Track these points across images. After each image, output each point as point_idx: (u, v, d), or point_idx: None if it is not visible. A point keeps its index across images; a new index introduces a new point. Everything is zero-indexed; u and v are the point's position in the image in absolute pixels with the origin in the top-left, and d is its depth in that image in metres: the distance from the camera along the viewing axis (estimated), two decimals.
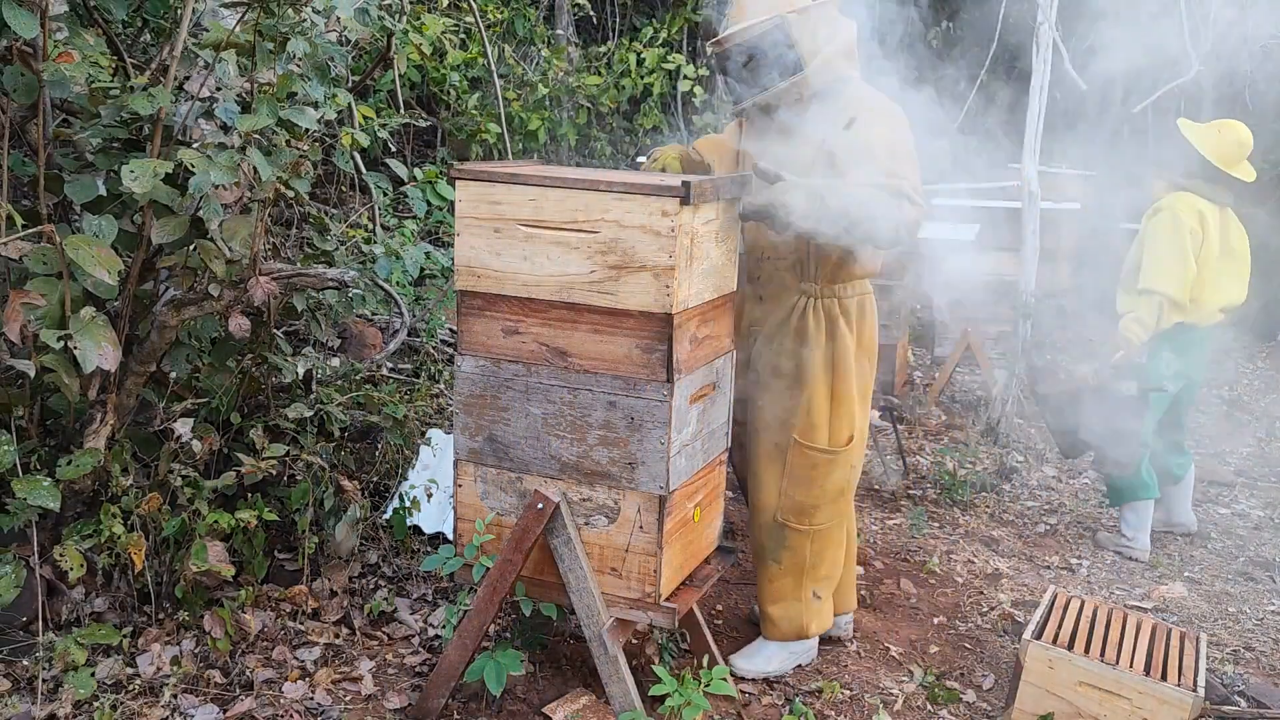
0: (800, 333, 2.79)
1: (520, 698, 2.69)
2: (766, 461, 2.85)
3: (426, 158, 6.74)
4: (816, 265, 2.76)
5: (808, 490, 2.83)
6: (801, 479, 2.83)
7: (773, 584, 2.93)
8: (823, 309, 2.79)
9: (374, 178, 4.51)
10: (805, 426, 2.80)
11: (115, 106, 2.55)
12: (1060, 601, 3.02)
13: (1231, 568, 4.12)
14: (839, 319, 2.80)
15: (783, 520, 2.86)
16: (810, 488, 2.83)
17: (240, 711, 2.56)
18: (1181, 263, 3.94)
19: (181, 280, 2.75)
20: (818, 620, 2.95)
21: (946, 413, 5.95)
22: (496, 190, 2.34)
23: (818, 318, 2.79)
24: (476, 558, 2.50)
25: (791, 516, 2.86)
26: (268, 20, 2.63)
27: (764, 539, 2.90)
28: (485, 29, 5.82)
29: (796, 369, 2.79)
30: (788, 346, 2.80)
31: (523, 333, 2.39)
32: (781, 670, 2.96)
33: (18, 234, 2.35)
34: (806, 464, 2.82)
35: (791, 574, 2.90)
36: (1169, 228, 3.96)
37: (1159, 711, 2.63)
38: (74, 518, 2.79)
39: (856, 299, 2.84)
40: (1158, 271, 3.94)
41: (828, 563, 2.92)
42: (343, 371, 3.66)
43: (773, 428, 2.82)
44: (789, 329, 2.80)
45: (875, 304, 2.93)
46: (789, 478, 2.84)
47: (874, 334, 2.91)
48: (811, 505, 2.85)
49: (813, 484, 2.83)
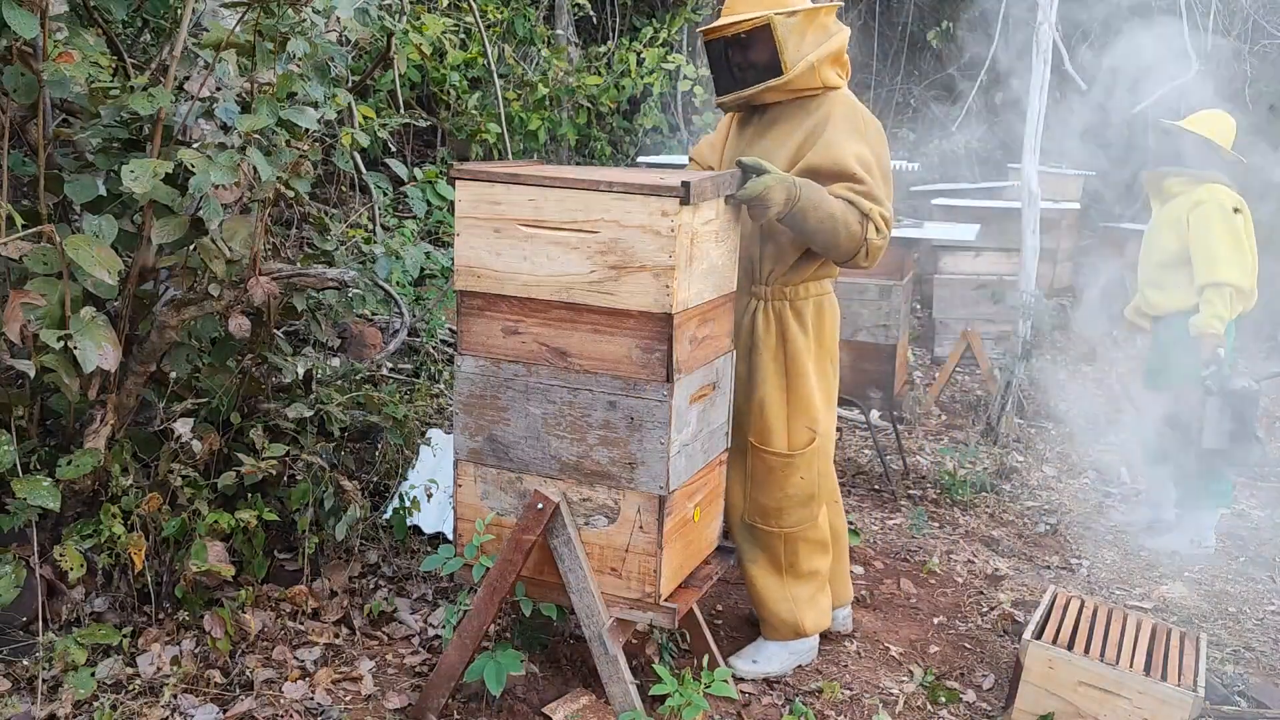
0: (751, 335, 2.80)
1: (520, 698, 2.69)
2: (731, 464, 2.84)
3: (426, 158, 6.74)
4: (771, 266, 2.77)
5: (770, 493, 2.84)
6: (762, 482, 2.84)
7: (756, 585, 2.93)
8: (773, 312, 2.79)
9: (374, 178, 4.51)
10: (760, 430, 2.81)
11: (115, 106, 2.55)
12: (1060, 601, 3.02)
13: (1231, 568, 4.12)
14: (791, 322, 2.78)
15: (750, 521, 2.88)
16: (773, 490, 2.84)
17: (240, 711, 2.56)
18: (1241, 252, 3.92)
19: (182, 280, 2.75)
20: (813, 617, 2.95)
21: (946, 413, 5.95)
22: (496, 190, 2.34)
23: (768, 321, 2.79)
24: (476, 558, 2.50)
25: (758, 518, 2.87)
26: (268, 20, 2.63)
27: (739, 540, 2.93)
28: (485, 29, 5.83)
29: (749, 372, 2.81)
30: (740, 350, 2.80)
31: (523, 333, 2.39)
32: (782, 670, 2.96)
33: (18, 234, 2.35)
34: (764, 468, 2.83)
35: (772, 574, 2.91)
36: (1220, 219, 3.90)
37: (1159, 711, 2.63)
38: (74, 518, 2.79)
39: (813, 301, 2.81)
40: (1223, 263, 3.88)
41: (806, 560, 2.90)
42: (343, 371, 3.66)
43: (733, 431, 2.81)
44: (740, 332, 2.80)
45: (837, 304, 2.92)
46: (751, 480, 2.86)
47: (835, 335, 2.90)
48: (775, 508, 2.85)
49: (774, 487, 2.83)
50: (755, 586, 2.93)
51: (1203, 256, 3.93)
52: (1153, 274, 4.17)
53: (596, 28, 8.46)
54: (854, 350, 4.87)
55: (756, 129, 2.82)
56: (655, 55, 7.37)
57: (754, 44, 2.68)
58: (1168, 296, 4.13)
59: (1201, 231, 3.94)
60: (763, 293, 2.79)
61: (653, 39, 7.60)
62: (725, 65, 2.75)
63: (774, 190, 2.47)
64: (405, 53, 4.47)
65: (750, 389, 2.81)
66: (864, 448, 5.22)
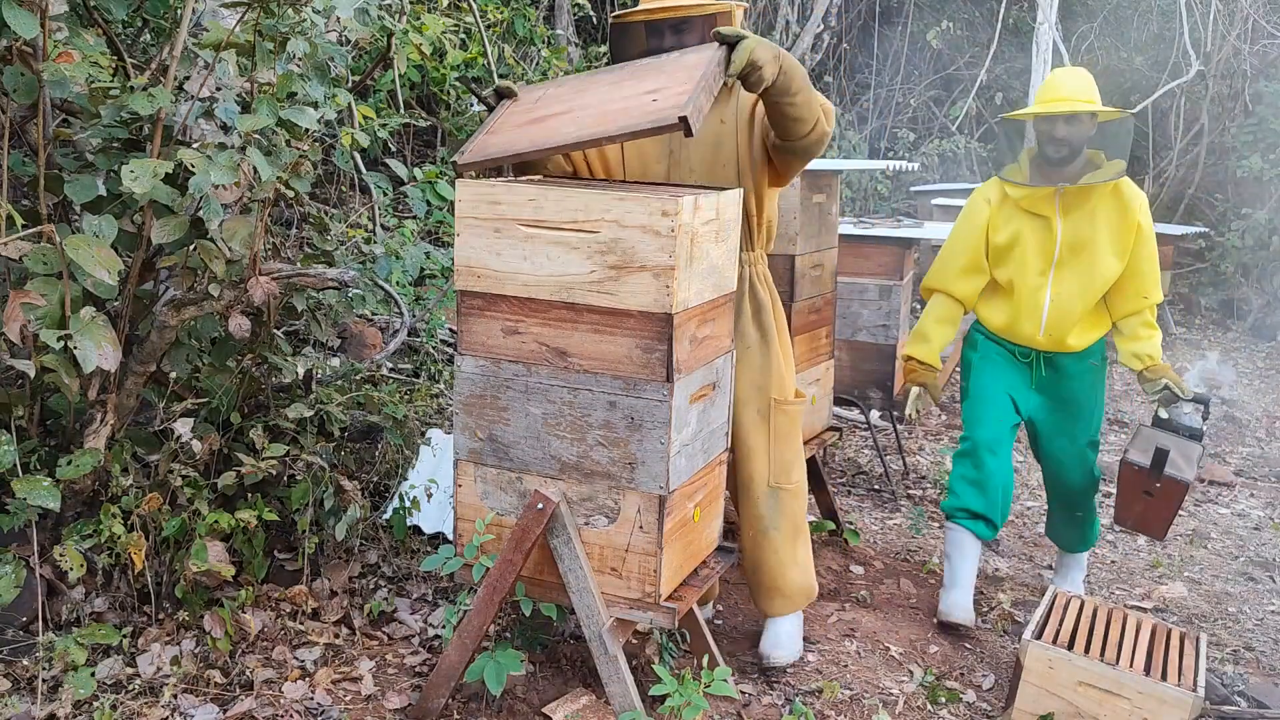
0: (754, 299, 2.93)
1: (520, 697, 2.69)
2: (753, 430, 2.92)
3: (426, 158, 6.74)
4: (749, 232, 2.89)
5: (790, 445, 2.96)
6: (785, 435, 2.94)
7: (778, 554, 2.96)
8: (759, 275, 2.95)
9: (374, 178, 4.52)
10: (780, 385, 2.93)
11: (115, 106, 2.55)
12: (1060, 601, 3.03)
13: (1231, 568, 4.12)
14: (771, 282, 2.99)
15: (775, 484, 2.94)
16: (791, 442, 2.96)
17: (240, 711, 2.56)
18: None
19: (182, 280, 2.75)
20: (814, 577, 3.07)
21: (946, 413, 5.95)
22: (496, 190, 2.35)
23: (762, 283, 2.95)
24: (476, 558, 2.50)
25: (782, 478, 2.95)
26: (268, 20, 2.63)
27: (762, 510, 2.94)
28: (485, 29, 5.82)
29: (761, 333, 2.92)
30: (748, 313, 2.91)
31: (523, 333, 2.39)
32: (800, 646, 3.06)
33: (18, 234, 2.35)
34: (786, 421, 2.94)
35: (790, 537, 2.97)
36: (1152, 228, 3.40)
37: (1159, 711, 2.63)
38: (74, 518, 2.79)
39: (766, 266, 3.01)
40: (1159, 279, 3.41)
41: (805, 516, 3.06)
42: (343, 371, 3.66)
43: (752, 397, 2.91)
44: (744, 298, 2.91)
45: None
46: (775, 440, 2.93)
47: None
48: (792, 461, 2.97)
49: (791, 438, 2.96)
50: (777, 556, 2.96)
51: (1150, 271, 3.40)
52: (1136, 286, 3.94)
53: (596, 28, 8.46)
54: (854, 350, 4.88)
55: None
56: None
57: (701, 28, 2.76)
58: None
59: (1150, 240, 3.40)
60: (748, 259, 2.92)
61: None
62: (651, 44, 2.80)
63: (760, 49, 2.44)
64: (405, 53, 4.46)
65: (766, 348, 2.92)
66: (864, 448, 5.22)
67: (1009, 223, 3.34)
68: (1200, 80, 9.80)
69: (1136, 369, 3.38)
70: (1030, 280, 3.32)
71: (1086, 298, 3.30)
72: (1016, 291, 3.35)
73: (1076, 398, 3.42)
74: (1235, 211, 9.69)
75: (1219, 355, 7.75)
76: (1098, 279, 3.28)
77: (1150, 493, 3.22)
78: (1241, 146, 9.45)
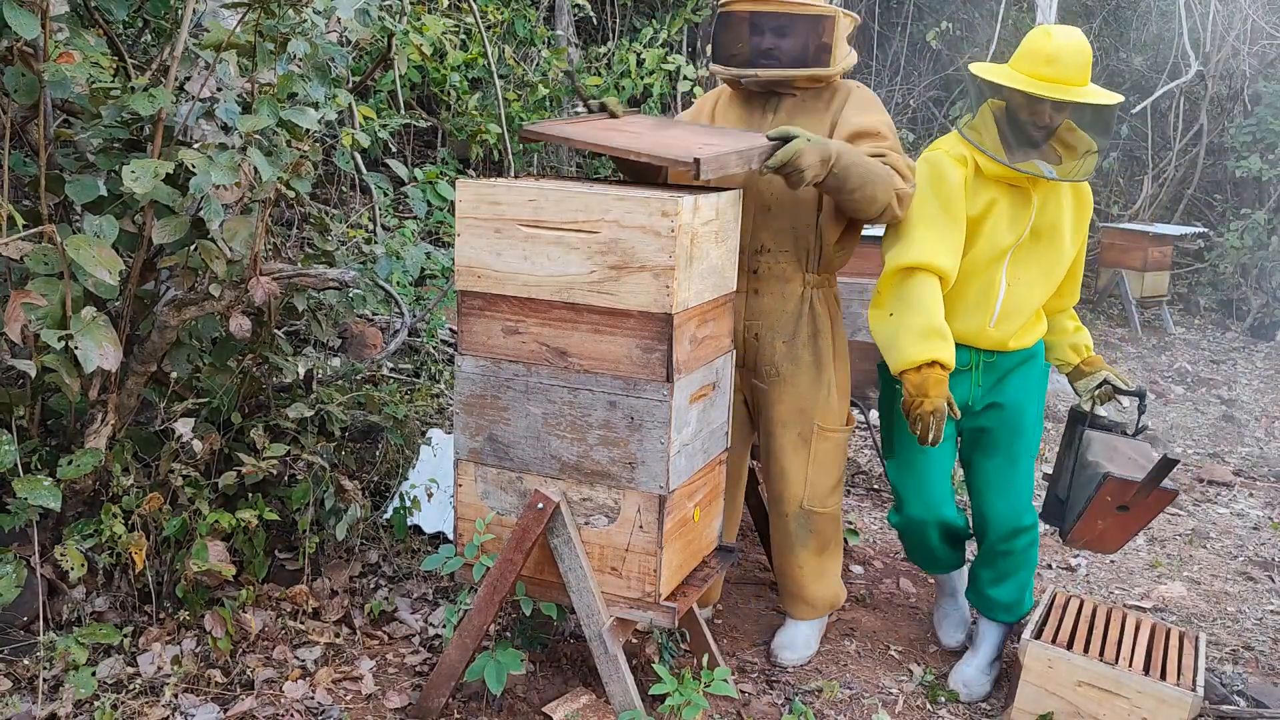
0: (813, 321, 2.89)
1: (520, 697, 2.69)
2: (791, 453, 2.91)
3: (427, 158, 6.75)
4: (818, 255, 2.86)
5: (830, 473, 2.95)
6: (825, 461, 2.93)
7: (804, 569, 3.00)
8: (823, 298, 2.91)
9: (374, 178, 4.51)
10: (826, 412, 2.90)
11: (116, 107, 2.56)
12: (1060, 601, 3.03)
13: (1230, 567, 4.12)
14: (833, 305, 2.94)
15: (809, 507, 2.95)
16: (832, 470, 2.95)
17: (241, 711, 2.57)
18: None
19: (182, 280, 2.75)
20: (841, 586, 3.10)
21: None
22: (497, 190, 2.35)
23: (824, 306, 2.91)
24: (476, 557, 2.50)
25: (817, 502, 2.95)
26: (268, 21, 2.63)
27: (791, 528, 2.97)
28: (485, 29, 5.83)
29: (815, 358, 2.89)
30: (804, 336, 2.88)
31: (523, 333, 2.39)
32: (815, 645, 3.09)
33: (18, 234, 2.35)
34: (829, 448, 2.92)
35: (816, 555, 3.00)
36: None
37: (1158, 711, 2.63)
38: (75, 517, 2.79)
39: (835, 289, 2.99)
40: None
41: (840, 534, 3.08)
42: (343, 371, 3.66)
43: (794, 420, 2.90)
44: (802, 319, 2.88)
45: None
46: (814, 465, 2.93)
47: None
48: (831, 487, 2.96)
49: (833, 466, 2.95)
50: (802, 570, 3.00)
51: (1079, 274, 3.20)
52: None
53: (596, 28, 8.46)
54: (854, 350, 4.84)
55: (779, 118, 2.85)
56: (655, 56, 7.38)
57: (804, 31, 2.73)
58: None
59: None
60: (814, 280, 2.89)
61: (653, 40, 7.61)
62: (753, 41, 2.77)
63: (805, 154, 2.47)
64: (405, 53, 4.47)
65: (818, 374, 2.89)
66: (864, 448, 5.22)
67: (985, 189, 2.81)
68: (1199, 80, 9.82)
69: (1073, 362, 3.08)
70: (985, 262, 2.83)
71: (1045, 286, 2.90)
72: (966, 275, 2.84)
73: (1019, 403, 2.94)
74: (1234, 211, 9.71)
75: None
76: (1058, 267, 2.89)
77: (1127, 506, 2.78)
78: (1240, 147, 9.46)
